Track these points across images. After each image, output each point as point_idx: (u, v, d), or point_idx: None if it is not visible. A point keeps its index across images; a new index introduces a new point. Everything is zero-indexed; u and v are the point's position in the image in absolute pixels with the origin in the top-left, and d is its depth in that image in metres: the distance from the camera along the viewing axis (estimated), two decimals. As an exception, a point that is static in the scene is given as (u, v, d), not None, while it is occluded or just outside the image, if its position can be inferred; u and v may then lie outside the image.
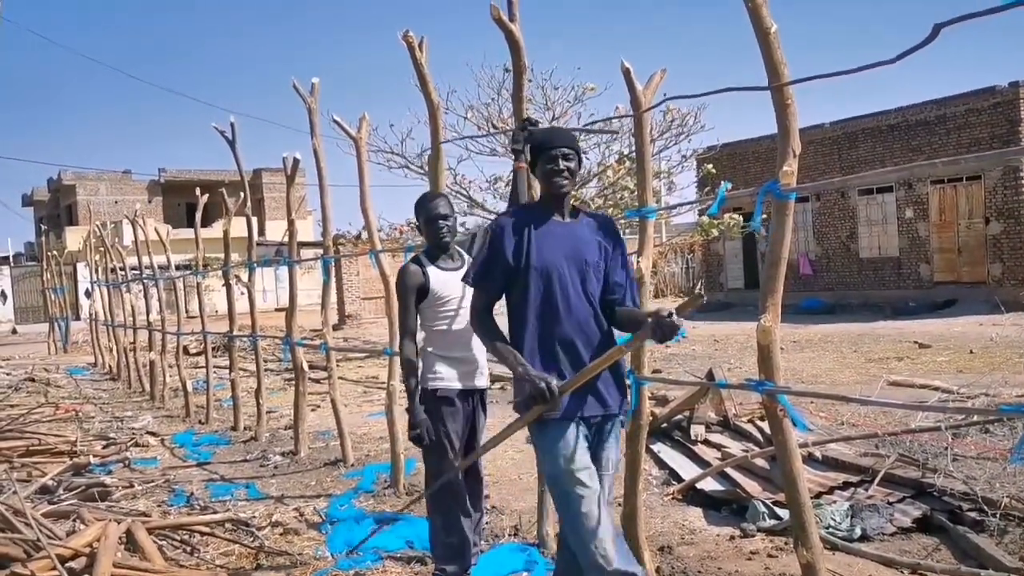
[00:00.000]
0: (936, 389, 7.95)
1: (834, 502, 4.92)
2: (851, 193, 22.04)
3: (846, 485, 5.20)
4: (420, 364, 4.09)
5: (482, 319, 3.26)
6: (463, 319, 4.11)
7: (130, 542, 4.58)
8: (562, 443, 3.10)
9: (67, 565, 3.88)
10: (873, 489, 5.04)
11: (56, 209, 48.46)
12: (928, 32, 2.62)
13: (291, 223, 8.07)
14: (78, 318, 28.63)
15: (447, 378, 4.07)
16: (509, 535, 5.01)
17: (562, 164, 3.13)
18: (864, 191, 21.76)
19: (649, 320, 2.93)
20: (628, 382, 3.17)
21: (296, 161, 7.82)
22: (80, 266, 29.65)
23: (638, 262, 3.89)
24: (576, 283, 3.16)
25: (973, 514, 4.57)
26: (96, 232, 16.82)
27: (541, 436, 3.17)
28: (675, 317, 2.82)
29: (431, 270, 4.09)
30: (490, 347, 3.25)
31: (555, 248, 3.17)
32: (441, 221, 4.12)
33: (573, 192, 3.25)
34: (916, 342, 13.42)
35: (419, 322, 4.14)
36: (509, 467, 6.76)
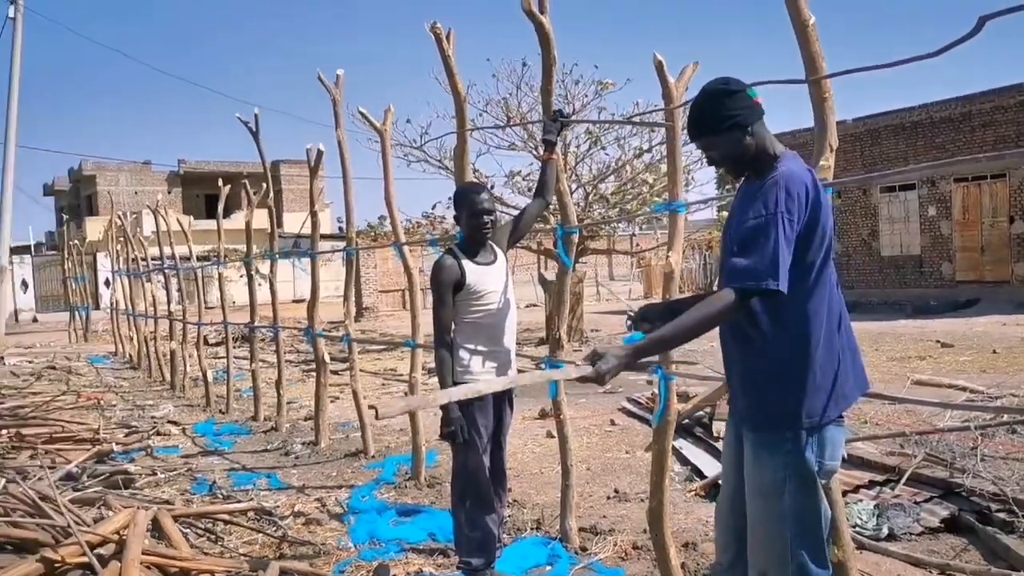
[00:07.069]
0: (963, 389, 7.87)
1: (860, 501, 4.87)
2: (873, 190, 21.84)
3: (872, 484, 5.15)
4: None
5: None
6: (498, 313, 4.09)
7: (156, 529, 4.60)
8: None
9: (96, 551, 3.89)
10: (899, 488, 4.99)
11: (77, 199, 48.74)
12: (973, 25, 2.58)
13: (313, 215, 8.09)
14: (98, 307, 28.86)
15: (477, 372, 4.04)
16: (531, 529, 5.00)
17: None
18: (886, 188, 21.56)
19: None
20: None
21: (320, 153, 7.82)
22: (100, 256, 29.84)
23: (667, 256, 3.87)
24: None
25: (1002, 515, 4.51)
26: (117, 222, 16.94)
27: None
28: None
29: (467, 264, 4.05)
30: None
31: None
32: (486, 216, 4.08)
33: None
34: (938, 341, 13.31)
35: None
36: (531, 461, 6.75)
